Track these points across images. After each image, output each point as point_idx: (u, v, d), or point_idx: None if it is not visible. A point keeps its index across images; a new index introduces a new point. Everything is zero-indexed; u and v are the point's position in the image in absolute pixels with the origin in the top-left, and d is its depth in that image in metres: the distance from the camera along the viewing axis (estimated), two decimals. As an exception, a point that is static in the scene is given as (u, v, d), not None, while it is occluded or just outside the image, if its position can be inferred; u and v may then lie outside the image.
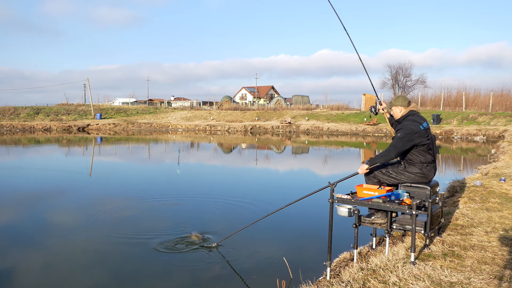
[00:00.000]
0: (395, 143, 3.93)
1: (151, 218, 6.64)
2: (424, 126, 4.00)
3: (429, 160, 3.97)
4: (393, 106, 4.23)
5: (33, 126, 36.94)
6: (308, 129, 32.47)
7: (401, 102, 4.17)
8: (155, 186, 9.66)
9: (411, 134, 3.91)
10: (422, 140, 3.94)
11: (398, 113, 4.20)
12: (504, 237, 4.21)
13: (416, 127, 3.94)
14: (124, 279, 4.29)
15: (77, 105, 53.24)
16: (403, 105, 4.17)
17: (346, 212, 3.78)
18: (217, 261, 4.68)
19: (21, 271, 4.45)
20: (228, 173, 12.45)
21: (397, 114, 4.22)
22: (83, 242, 5.44)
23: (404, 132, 3.93)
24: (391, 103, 4.29)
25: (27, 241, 5.44)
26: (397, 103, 4.19)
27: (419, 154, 3.97)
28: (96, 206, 7.45)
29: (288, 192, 8.90)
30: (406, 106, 4.16)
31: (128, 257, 4.86)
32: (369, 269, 3.48)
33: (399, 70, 51.33)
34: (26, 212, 7.04)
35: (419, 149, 3.97)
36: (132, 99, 71.74)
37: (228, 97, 55.25)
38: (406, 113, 4.14)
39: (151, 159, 16.41)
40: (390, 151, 3.94)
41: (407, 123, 4.01)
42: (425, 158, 3.96)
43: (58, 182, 10.13)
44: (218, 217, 6.66)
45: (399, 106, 4.18)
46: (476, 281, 3.15)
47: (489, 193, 6.34)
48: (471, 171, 11.36)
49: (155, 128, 38.16)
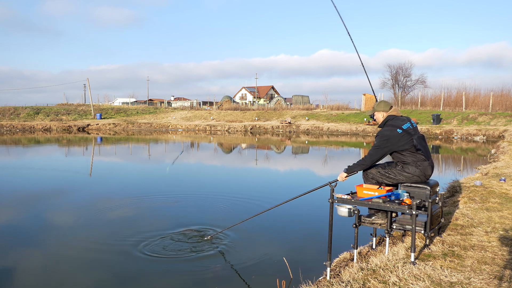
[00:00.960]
0: (371, 152, 4.01)
1: (151, 218, 6.64)
2: (403, 128, 3.97)
3: (421, 159, 3.96)
4: (376, 112, 4.25)
5: (33, 126, 36.93)
6: (308, 129, 32.47)
7: (383, 108, 4.19)
8: (154, 186, 9.66)
9: (387, 141, 3.94)
10: (403, 142, 3.94)
11: (380, 118, 4.23)
12: (504, 237, 4.21)
13: (392, 132, 3.94)
14: (123, 279, 4.29)
15: (77, 105, 53.24)
16: (384, 110, 4.19)
17: (346, 212, 3.78)
18: (217, 261, 4.68)
19: (21, 271, 4.45)
20: (228, 173, 12.45)
21: (379, 119, 4.24)
22: (83, 242, 5.43)
23: (379, 140, 3.99)
24: (373, 109, 4.30)
25: (27, 241, 5.43)
26: (379, 109, 4.21)
27: (410, 155, 3.97)
28: (95, 206, 7.45)
29: (288, 192, 8.89)
30: (388, 111, 4.18)
31: (127, 257, 4.85)
32: (369, 269, 3.48)
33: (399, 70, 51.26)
34: (26, 212, 7.03)
35: (406, 151, 3.97)
36: (132, 99, 71.79)
37: (228, 97, 55.25)
38: (385, 117, 4.16)
39: (151, 159, 16.41)
40: (365, 160, 4.03)
41: (383, 130, 4.06)
42: (416, 158, 3.96)
43: (58, 182, 10.12)
44: (217, 217, 6.66)
45: (381, 112, 4.21)
46: (476, 281, 3.15)
47: (489, 193, 6.34)
48: (471, 171, 11.37)
49: (155, 128, 38.16)
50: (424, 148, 4.00)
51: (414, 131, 4.04)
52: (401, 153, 3.99)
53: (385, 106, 4.19)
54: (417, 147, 3.95)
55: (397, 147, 3.97)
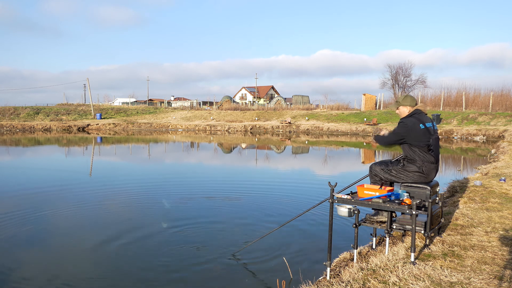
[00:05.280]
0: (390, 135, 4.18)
1: (150, 218, 6.63)
2: (426, 126, 3.98)
3: (429, 160, 3.95)
4: (401, 106, 4.18)
5: (33, 126, 36.93)
6: (308, 129, 32.46)
7: (410, 103, 4.13)
8: (154, 185, 9.66)
9: (406, 130, 3.94)
10: (420, 138, 3.93)
11: (405, 112, 4.16)
12: (504, 237, 4.20)
13: (415, 125, 3.94)
14: (123, 279, 4.28)
15: (77, 105, 53.24)
16: (411, 105, 4.14)
17: (346, 212, 3.78)
18: (217, 261, 4.68)
19: (21, 271, 4.45)
20: (227, 173, 12.45)
21: (404, 113, 4.17)
22: (82, 241, 5.44)
23: (399, 126, 4.04)
24: (398, 102, 4.20)
25: (27, 241, 5.43)
26: (406, 103, 4.14)
27: (420, 152, 3.95)
28: (95, 206, 7.45)
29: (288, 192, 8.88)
30: (414, 106, 4.15)
31: (127, 257, 4.85)
32: (369, 269, 3.48)
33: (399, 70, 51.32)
34: (25, 211, 7.02)
35: (419, 147, 3.96)
36: (132, 99, 71.77)
37: (228, 97, 55.25)
38: (411, 111, 4.12)
39: (151, 159, 16.41)
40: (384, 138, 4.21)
41: (406, 119, 4.04)
42: (424, 157, 3.95)
43: (58, 182, 10.12)
44: (218, 216, 6.66)
45: (407, 106, 4.15)
46: (476, 281, 3.15)
47: (489, 193, 6.34)
48: (471, 171, 11.36)
49: (155, 128, 38.15)
50: (436, 150, 4.00)
51: (434, 132, 4.05)
52: (413, 148, 3.97)
53: (412, 101, 4.14)
54: (430, 147, 3.95)
55: (412, 140, 3.95)
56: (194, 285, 4.15)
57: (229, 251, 4.97)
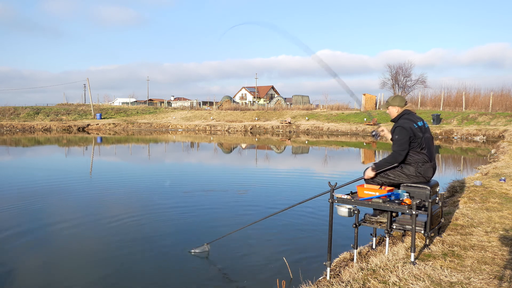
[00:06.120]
0: (397, 147, 3.92)
1: (150, 217, 6.63)
2: (418, 125, 3.98)
3: (423, 159, 3.95)
4: (390, 106, 4.22)
5: (33, 126, 36.93)
6: (308, 129, 32.46)
7: (399, 103, 4.17)
8: (154, 185, 9.66)
9: (406, 132, 3.90)
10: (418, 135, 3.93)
11: (394, 112, 4.20)
12: (504, 237, 4.20)
13: (410, 124, 3.94)
14: (123, 278, 4.28)
15: (77, 105, 53.25)
16: (400, 105, 4.17)
17: (346, 212, 3.77)
18: (217, 261, 4.68)
19: (20, 271, 4.45)
20: (227, 173, 12.45)
21: (393, 113, 4.21)
22: (81, 241, 5.44)
23: (399, 132, 3.94)
24: (388, 103, 4.25)
25: (26, 241, 5.43)
26: (394, 103, 4.18)
27: (414, 154, 3.95)
28: (95, 206, 7.45)
29: (288, 193, 8.89)
30: (403, 106, 4.17)
31: (126, 257, 4.85)
32: (369, 269, 3.48)
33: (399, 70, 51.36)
34: (25, 211, 7.03)
35: (412, 149, 3.95)
36: (132, 99, 71.79)
37: (228, 97, 55.25)
38: (401, 112, 4.14)
39: (151, 159, 16.41)
40: (395, 157, 3.92)
41: (400, 122, 4.02)
42: (418, 158, 3.95)
43: (58, 182, 10.12)
44: (216, 216, 6.66)
45: (396, 106, 4.18)
46: (476, 281, 3.15)
47: (489, 193, 6.34)
48: (471, 171, 11.36)
49: (155, 128, 38.15)
50: (429, 149, 3.99)
51: (426, 130, 4.04)
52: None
53: (401, 101, 4.16)
54: (421, 146, 3.94)
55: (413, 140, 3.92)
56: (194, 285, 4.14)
57: (229, 251, 4.96)
